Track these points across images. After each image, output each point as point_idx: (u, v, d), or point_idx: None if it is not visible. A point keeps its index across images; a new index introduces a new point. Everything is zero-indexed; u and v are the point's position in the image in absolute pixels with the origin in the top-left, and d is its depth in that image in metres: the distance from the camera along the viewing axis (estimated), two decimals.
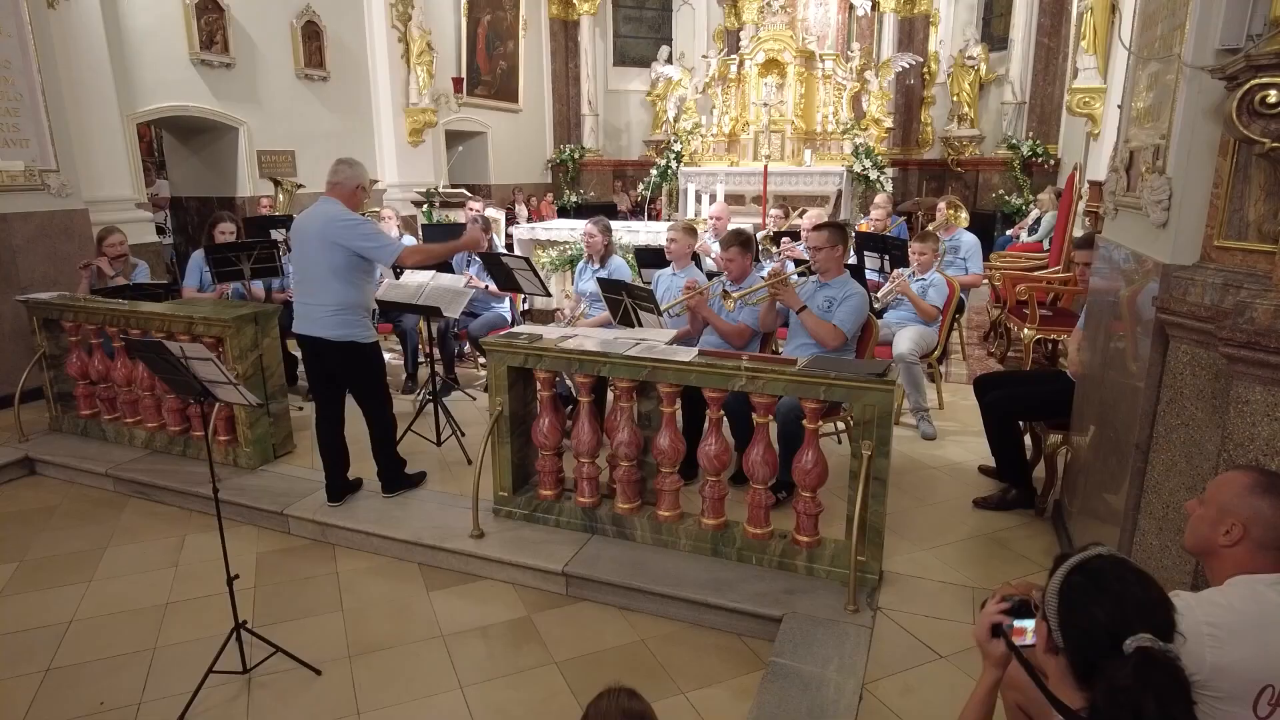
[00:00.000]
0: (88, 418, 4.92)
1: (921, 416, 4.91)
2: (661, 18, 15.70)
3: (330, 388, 3.87)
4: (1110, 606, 1.28)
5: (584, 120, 15.42)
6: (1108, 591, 1.30)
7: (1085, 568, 1.35)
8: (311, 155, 9.61)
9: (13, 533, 3.95)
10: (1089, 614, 1.30)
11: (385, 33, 10.74)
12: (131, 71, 7.76)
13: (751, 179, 10.94)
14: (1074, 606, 1.33)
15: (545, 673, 2.81)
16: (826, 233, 4.14)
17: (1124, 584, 1.31)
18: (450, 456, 4.59)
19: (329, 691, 2.73)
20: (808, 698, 2.49)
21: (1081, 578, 1.34)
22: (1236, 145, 2.09)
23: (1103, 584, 1.31)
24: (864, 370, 3.05)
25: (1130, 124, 3.05)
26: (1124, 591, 1.30)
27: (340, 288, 3.63)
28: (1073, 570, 1.35)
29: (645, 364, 3.29)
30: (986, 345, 7.10)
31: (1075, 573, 1.35)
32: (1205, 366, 2.22)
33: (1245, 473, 1.67)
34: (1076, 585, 1.34)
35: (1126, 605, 1.28)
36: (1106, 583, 1.31)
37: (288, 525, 3.89)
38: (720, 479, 3.36)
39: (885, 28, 13.24)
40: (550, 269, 7.57)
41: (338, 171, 3.70)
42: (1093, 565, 1.35)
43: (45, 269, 5.96)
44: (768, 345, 4.44)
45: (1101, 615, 1.28)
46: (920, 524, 3.74)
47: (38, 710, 2.67)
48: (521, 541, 3.50)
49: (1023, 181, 12.08)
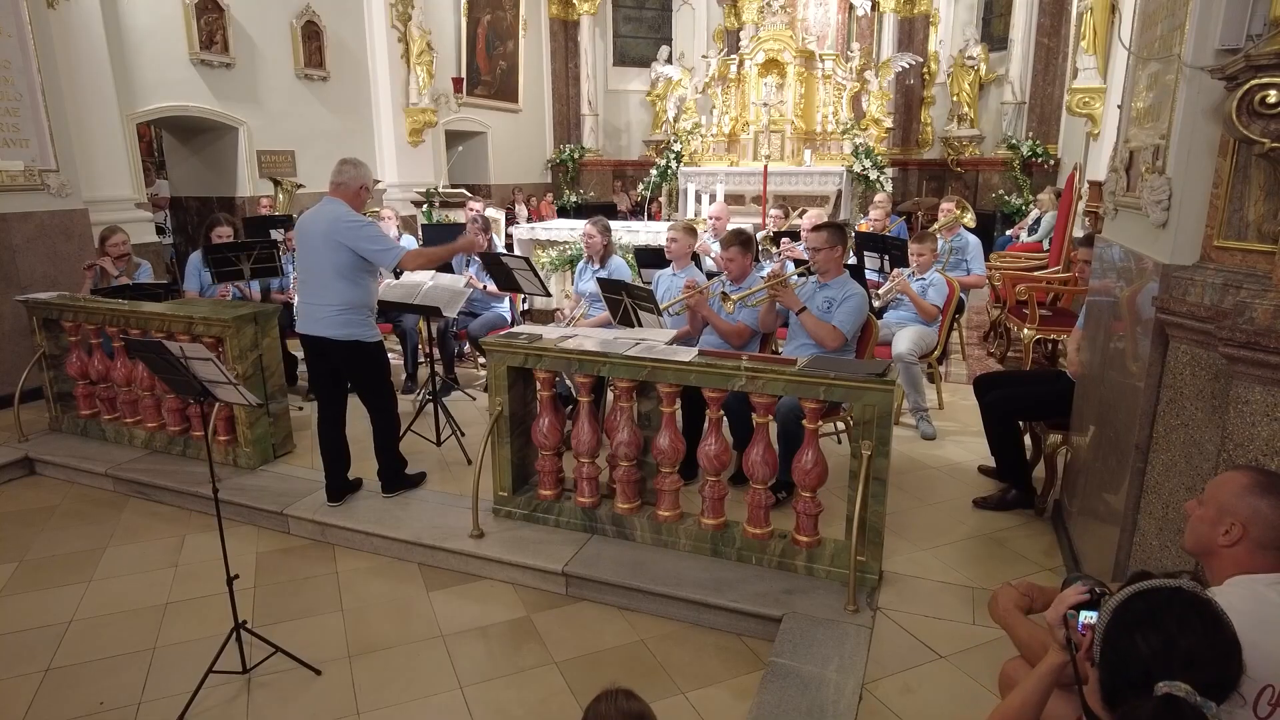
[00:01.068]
0: (87, 418, 4.92)
1: (921, 416, 4.91)
2: (661, 18, 15.70)
3: (332, 387, 3.87)
4: (1156, 643, 1.23)
5: (584, 120, 15.43)
6: (1161, 630, 1.24)
7: (1151, 596, 1.29)
8: (311, 155, 9.61)
9: (13, 533, 3.95)
10: (1131, 641, 1.26)
11: (385, 33, 10.74)
12: (131, 71, 7.77)
13: (751, 179, 10.94)
14: (1120, 628, 1.29)
15: (545, 673, 2.81)
16: (826, 233, 4.14)
17: (1184, 629, 1.24)
18: (450, 456, 4.59)
19: (329, 691, 2.73)
20: (807, 698, 2.49)
21: (1142, 605, 1.29)
22: (1236, 145, 2.09)
23: (1160, 620, 1.26)
24: (863, 370, 3.05)
25: (1130, 124, 3.05)
26: (1180, 636, 1.24)
27: (344, 288, 3.64)
28: (1139, 594, 1.30)
29: (645, 364, 3.29)
30: (986, 345, 7.10)
31: (1139, 597, 1.30)
32: (1205, 366, 2.22)
33: (1244, 472, 1.67)
34: (1133, 609, 1.29)
35: (1175, 651, 1.22)
36: (1164, 621, 1.25)
37: (287, 525, 3.89)
38: (720, 479, 3.36)
39: (885, 28, 13.25)
40: (550, 269, 7.57)
41: (342, 171, 3.70)
42: (1160, 597, 1.29)
43: (45, 269, 5.96)
44: (767, 345, 4.44)
45: (1144, 648, 1.24)
46: (920, 524, 3.74)
47: (38, 710, 2.67)
48: (521, 541, 3.50)
49: (1022, 181, 12.08)
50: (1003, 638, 2.07)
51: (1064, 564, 3.34)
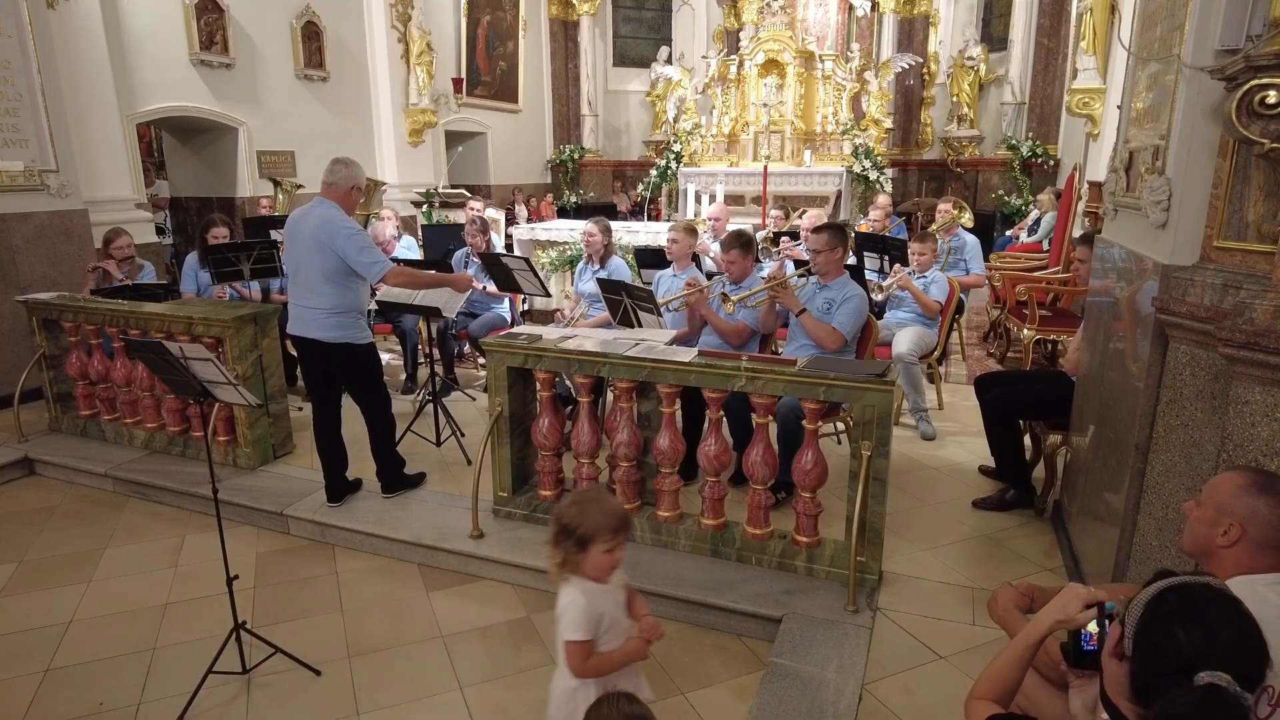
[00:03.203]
0: (87, 418, 4.92)
1: (921, 417, 4.91)
2: (661, 18, 15.70)
3: (327, 388, 3.87)
4: (1198, 635, 1.23)
5: (584, 120, 15.42)
6: (1202, 622, 1.24)
7: (1185, 590, 1.29)
8: (311, 155, 9.61)
9: (12, 533, 3.95)
10: (1170, 633, 1.25)
11: (385, 33, 10.74)
12: (131, 71, 7.77)
13: (751, 179, 10.94)
14: (1158, 620, 1.27)
15: (545, 673, 2.79)
16: (826, 235, 4.14)
17: (1224, 621, 1.24)
18: (450, 457, 4.59)
19: (328, 692, 2.73)
20: (807, 698, 2.49)
21: (1179, 598, 1.28)
22: (1236, 146, 2.09)
23: (1200, 613, 1.25)
24: (863, 371, 3.05)
25: (1130, 124, 3.05)
26: (1221, 629, 1.23)
27: (334, 291, 3.62)
28: (1172, 589, 1.30)
29: (645, 364, 3.29)
30: (986, 345, 7.10)
31: (1174, 591, 1.29)
32: (1205, 367, 2.22)
33: (1241, 473, 1.67)
34: (1170, 602, 1.28)
35: (1218, 642, 1.22)
36: (1205, 614, 1.25)
37: (287, 525, 3.89)
38: (720, 479, 3.36)
39: (885, 28, 13.25)
40: (550, 269, 7.57)
41: (333, 171, 3.66)
42: (1196, 591, 1.28)
43: (45, 269, 5.97)
44: (767, 346, 4.44)
45: (1184, 639, 1.23)
46: (920, 524, 3.74)
47: (37, 710, 2.67)
48: (521, 542, 3.49)
49: (1022, 182, 12.08)
50: (1003, 638, 2.07)
51: (1064, 564, 3.34)
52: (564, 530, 1.92)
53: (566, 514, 1.94)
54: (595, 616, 1.93)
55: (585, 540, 1.90)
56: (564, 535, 1.92)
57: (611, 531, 1.91)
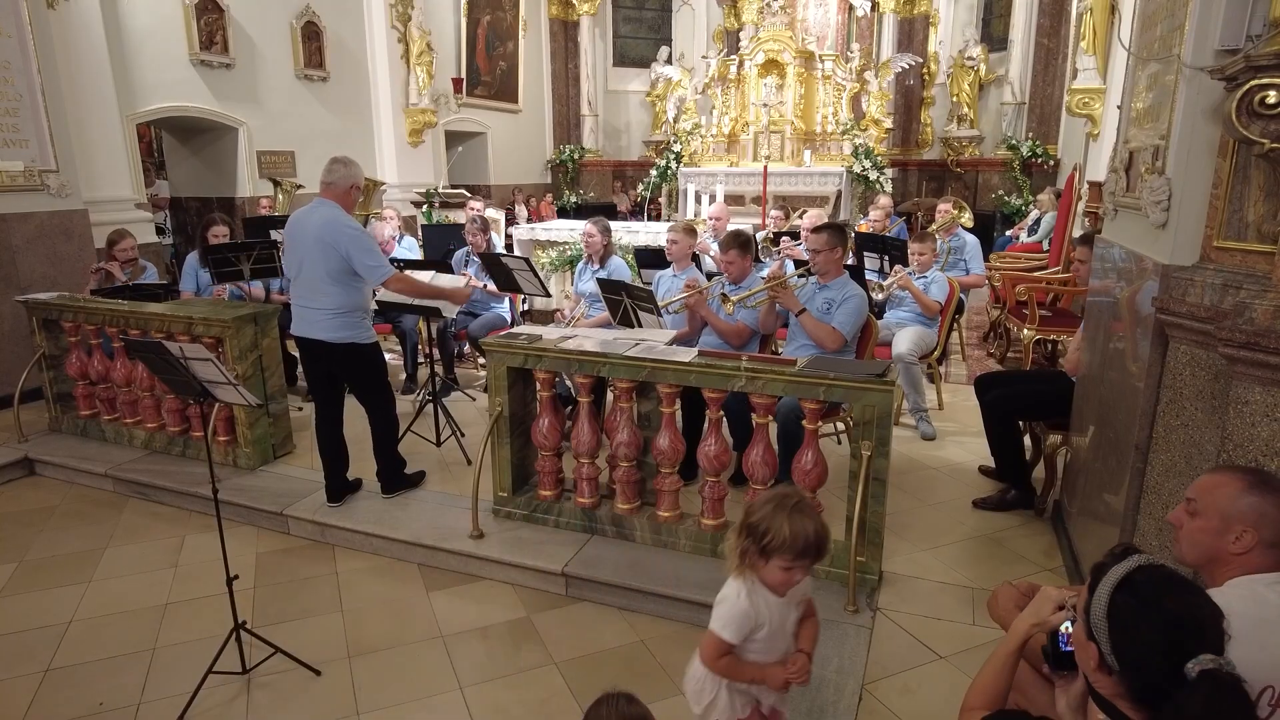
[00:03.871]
0: (87, 418, 4.92)
1: (921, 417, 4.91)
2: (661, 18, 15.70)
3: (329, 388, 3.87)
4: (1163, 628, 1.24)
5: (584, 120, 15.43)
6: (1159, 610, 1.25)
7: (1129, 585, 1.30)
8: (311, 156, 9.61)
9: (12, 533, 3.95)
10: (1141, 638, 1.26)
11: (385, 33, 10.74)
12: (131, 72, 7.77)
13: (751, 179, 10.94)
14: (1125, 630, 1.28)
15: (545, 673, 2.81)
16: (826, 235, 4.14)
17: (1172, 599, 1.26)
18: (450, 457, 4.59)
19: (329, 692, 2.73)
20: (807, 698, 2.49)
21: (1128, 597, 1.29)
22: (1236, 146, 2.09)
23: (1150, 603, 1.26)
24: (863, 371, 3.05)
25: (1130, 124, 3.05)
26: (1173, 609, 1.25)
27: (338, 291, 3.62)
28: (1117, 589, 1.30)
29: (645, 364, 3.29)
30: (986, 346, 7.10)
31: (1120, 592, 1.30)
32: (1205, 367, 2.22)
33: (1233, 475, 1.65)
34: (1124, 607, 1.28)
35: (1181, 626, 1.23)
36: (1153, 601, 1.26)
37: (287, 526, 3.89)
38: (720, 479, 3.36)
39: (885, 28, 13.25)
40: (550, 269, 7.57)
41: (332, 170, 3.65)
42: (1136, 581, 1.29)
43: (45, 269, 5.96)
44: (767, 346, 4.44)
45: (1156, 637, 1.24)
46: (920, 524, 3.74)
47: (37, 710, 2.67)
48: (521, 542, 3.50)
49: (1022, 182, 12.08)
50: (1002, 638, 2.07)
51: (1064, 564, 3.34)
52: (750, 529, 1.79)
53: (759, 513, 1.79)
54: (750, 623, 1.85)
55: (768, 550, 1.77)
56: (749, 533, 1.80)
57: (795, 554, 1.76)
